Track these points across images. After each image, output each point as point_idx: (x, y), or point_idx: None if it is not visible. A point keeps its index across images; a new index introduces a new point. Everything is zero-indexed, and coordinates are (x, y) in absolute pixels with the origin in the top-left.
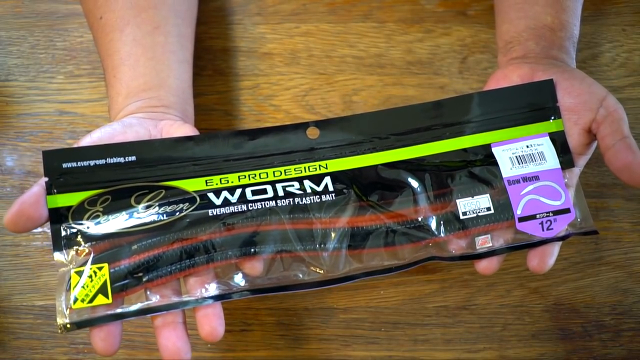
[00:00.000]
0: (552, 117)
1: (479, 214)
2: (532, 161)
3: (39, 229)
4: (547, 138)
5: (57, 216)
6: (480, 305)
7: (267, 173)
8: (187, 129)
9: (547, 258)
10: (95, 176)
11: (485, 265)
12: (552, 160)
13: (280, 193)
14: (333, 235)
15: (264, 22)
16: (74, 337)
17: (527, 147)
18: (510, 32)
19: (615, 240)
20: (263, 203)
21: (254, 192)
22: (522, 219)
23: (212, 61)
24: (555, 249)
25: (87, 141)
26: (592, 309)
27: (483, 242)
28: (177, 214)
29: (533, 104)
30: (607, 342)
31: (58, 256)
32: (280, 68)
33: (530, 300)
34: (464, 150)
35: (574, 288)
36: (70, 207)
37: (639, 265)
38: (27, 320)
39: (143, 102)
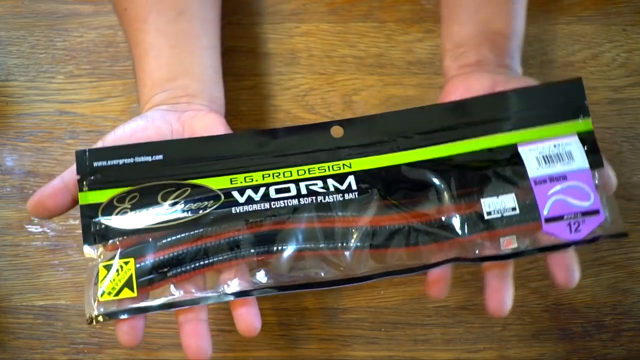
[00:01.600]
0: (581, 116)
1: (504, 214)
2: (560, 161)
3: (39, 229)
4: (576, 138)
5: (88, 212)
6: (480, 305)
7: (290, 172)
8: (211, 119)
9: (572, 271)
10: (124, 174)
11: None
12: (580, 160)
13: (304, 192)
14: (355, 234)
15: (264, 22)
16: (74, 337)
17: (555, 146)
18: (461, 35)
19: (616, 240)
20: (286, 201)
21: (277, 191)
22: (549, 220)
23: None
24: (575, 260)
25: (110, 138)
26: (592, 309)
27: (508, 243)
28: (202, 211)
29: (561, 103)
30: (607, 342)
31: (87, 250)
32: (280, 68)
33: (530, 300)
34: (490, 150)
35: (574, 288)
36: (100, 203)
37: (639, 265)
38: (27, 320)
39: (167, 93)
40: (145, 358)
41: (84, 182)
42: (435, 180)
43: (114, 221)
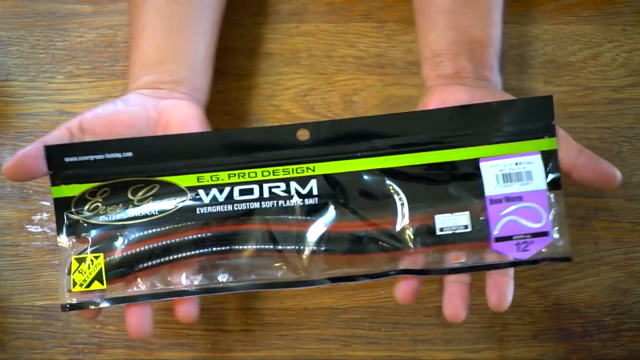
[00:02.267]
0: (547, 135)
1: (456, 231)
2: (518, 180)
3: (39, 229)
4: (539, 156)
5: (61, 205)
6: (480, 305)
7: (255, 173)
8: (188, 112)
9: (505, 296)
10: (95, 170)
11: (403, 289)
12: (539, 181)
13: (266, 194)
14: (312, 238)
15: (264, 22)
16: (74, 337)
17: (516, 164)
18: (438, 43)
19: (615, 240)
20: (248, 204)
21: (241, 192)
22: (499, 239)
23: None
24: (511, 283)
25: (88, 116)
26: (592, 309)
27: (455, 258)
28: (169, 208)
29: (529, 120)
30: (607, 342)
31: (61, 240)
32: (280, 68)
33: (530, 300)
34: (452, 163)
35: (574, 288)
36: (72, 197)
37: (639, 265)
38: (27, 320)
39: (153, 76)
40: (145, 358)
41: (56, 177)
42: (394, 190)
43: (86, 216)
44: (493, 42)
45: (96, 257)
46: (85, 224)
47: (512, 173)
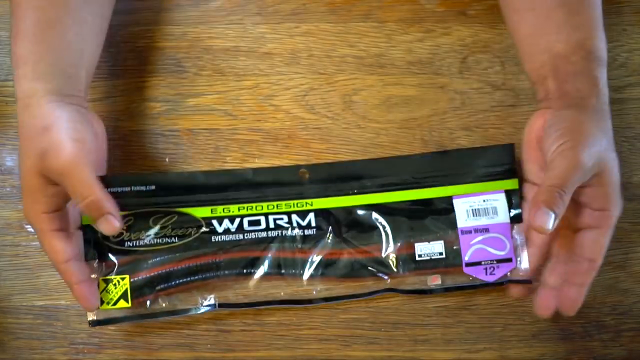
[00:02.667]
0: (510, 177)
1: (432, 257)
2: (486, 215)
3: None
4: (503, 194)
5: (90, 231)
6: (480, 305)
7: (262, 206)
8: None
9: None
10: (122, 200)
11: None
12: (503, 215)
13: (271, 225)
14: (311, 264)
15: (264, 22)
16: (73, 338)
17: (484, 201)
18: (532, 73)
19: (616, 240)
20: (256, 233)
21: (250, 223)
22: (469, 264)
23: (212, 61)
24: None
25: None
26: (592, 309)
27: (434, 280)
28: (186, 236)
29: (495, 164)
30: (607, 342)
31: (90, 263)
32: (280, 68)
33: (530, 300)
34: (430, 200)
35: None
36: None
37: (639, 265)
38: (27, 320)
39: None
40: (145, 358)
41: None
42: (381, 223)
43: (112, 241)
44: (579, 47)
45: (122, 279)
46: (111, 249)
47: (480, 208)
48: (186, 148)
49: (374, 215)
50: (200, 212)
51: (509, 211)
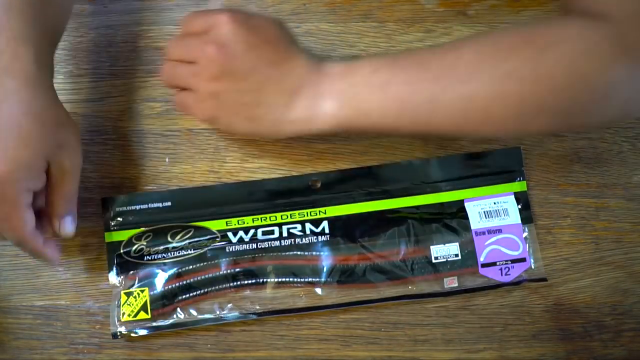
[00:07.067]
0: (518, 179)
1: (448, 259)
2: (497, 216)
3: None
4: (512, 197)
5: (112, 248)
6: (480, 306)
7: (275, 216)
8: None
9: None
10: (140, 217)
11: None
12: (514, 216)
13: (285, 234)
14: (326, 270)
15: None
16: (73, 338)
17: (495, 203)
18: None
19: (616, 240)
20: (270, 242)
21: (263, 233)
22: (485, 265)
23: None
24: None
25: None
26: (592, 309)
27: (450, 282)
28: (203, 249)
29: (503, 167)
30: (607, 342)
31: (112, 278)
32: None
33: (530, 301)
34: (442, 204)
35: (574, 288)
36: (121, 241)
37: (639, 265)
38: (27, 320)
39: None
40: (145, 358)
41: (110, 224)
42: (395, 227)
43: (133, 256)
44: None
45: (142, 291)
46: (132, 264)
47: (491, 210)
48: (186, 148)
49: (388, 220)
50: (216, 224)
51: (519, 212)
